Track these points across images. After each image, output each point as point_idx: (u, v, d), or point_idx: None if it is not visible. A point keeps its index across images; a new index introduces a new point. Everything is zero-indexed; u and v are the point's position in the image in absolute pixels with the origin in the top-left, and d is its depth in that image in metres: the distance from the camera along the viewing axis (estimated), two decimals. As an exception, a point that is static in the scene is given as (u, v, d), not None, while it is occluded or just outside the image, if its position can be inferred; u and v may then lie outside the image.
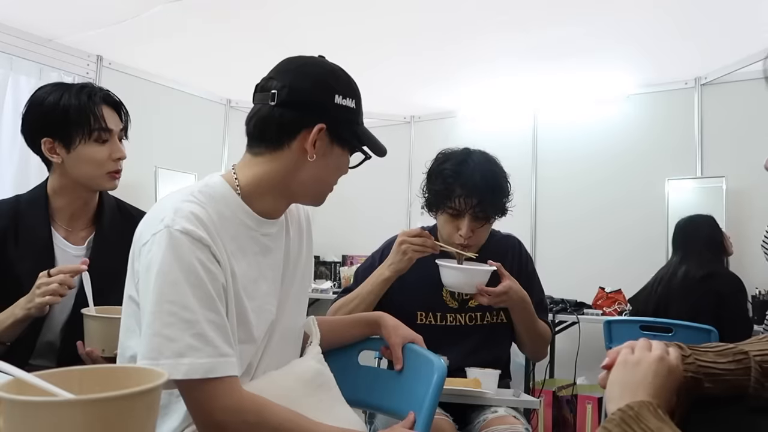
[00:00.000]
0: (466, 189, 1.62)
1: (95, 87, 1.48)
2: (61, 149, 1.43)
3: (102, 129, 1.44)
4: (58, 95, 1.43)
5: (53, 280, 1.29)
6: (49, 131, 1.43)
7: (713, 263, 2.79)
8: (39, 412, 0.55)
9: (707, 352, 0.84)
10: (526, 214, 4.19)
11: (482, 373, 1.63)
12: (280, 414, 1.00)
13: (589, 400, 3.28)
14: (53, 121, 1.42)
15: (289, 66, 1.11)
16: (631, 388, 0.75)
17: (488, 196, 1.64)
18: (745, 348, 0.84)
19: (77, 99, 1.42)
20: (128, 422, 0.57)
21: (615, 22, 3.01)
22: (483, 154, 1.74)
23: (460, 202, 1.63)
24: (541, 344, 1.79)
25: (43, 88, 1.47)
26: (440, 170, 1.71)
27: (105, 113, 1.46)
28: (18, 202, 1.49)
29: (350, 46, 3.32)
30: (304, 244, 1.25)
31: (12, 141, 3.22)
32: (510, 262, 1.77)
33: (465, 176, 1.64)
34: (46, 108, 1.42)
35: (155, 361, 0.90)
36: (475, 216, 1.64)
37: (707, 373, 0.81)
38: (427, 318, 1.74)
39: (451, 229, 1.68)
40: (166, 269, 0.93)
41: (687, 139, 3.72)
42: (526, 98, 4.18)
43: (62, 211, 1.50)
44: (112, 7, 2.97)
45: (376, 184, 4.67)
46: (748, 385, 0.81)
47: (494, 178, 1.68)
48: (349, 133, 1.12)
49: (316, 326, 1.26)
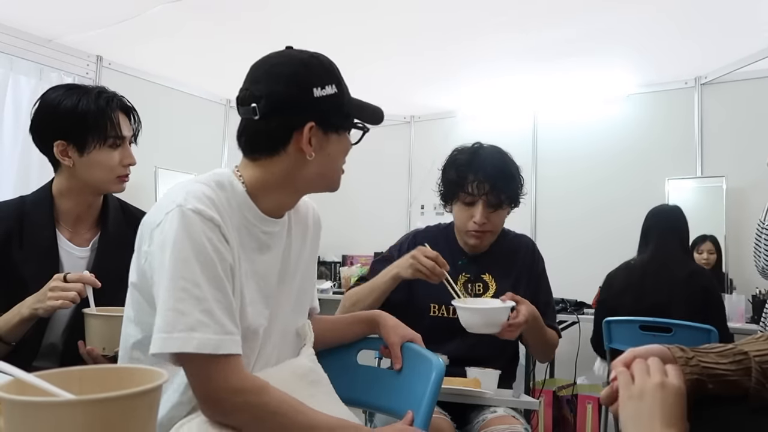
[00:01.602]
0: (479, 176, 1.69)
1: (111, 92, 1.49)
2: (74, 152, 1.43)
3: (117, 136, 1.45)
4: (75, 99, 1.42)
5: (72, 287, 1.29)
6: (63, 134, 1.42)
7: (691, 258, 2.80)
8: (39, 413, 0.55)
9: (709, 353, 0.84)
10: (526, 214, 4.19)
11: (482, 372, 1.63)
12: (280, 397, 1.01)
13: (590, 400, 3.28)
14: (69, 124, 1.41)
15: (259, 72, 1.09)
16: (646, 424, 0.75)
17: (500, 182, 1.69)
18: (745, 348, 0.84)
19: (96, 104, 1.42)
20: (129, 422, 0.57)
21: (615, 22, 3.01)
22: (494, 147, 1.80)
23: (473, 188, 1.69)
24: (549, 351, 1.81)
25: (56, 90, 1.46)
26: (453, 161, 1.78)
27: (121, 120, 1.47)
28: (23, 203, 1.49)
29: (350, 46, 3.32)
30: (307, 246, 1.25)
31: (13, 141, 3.22)
32: (521, 260, 1.81)
33: (477, 164, 1.71)
34: (63, 111, 1.41)
35: (169, 334, 0.93)
36: (489, 202, 1.69)
37: (710, 374, 0.81)
38: (440, 310, 1.75)
39: (465, 217, 1.73)
40: (179, 246, 0.95)
41: (687, 139, 3.72)
42: (526, 98, 4.18)
43: (67, 213, 1.50)
44: (112, 7, 2.97)
45: (376, 184, 4.67)
46: (750, 385, 0.81)
47: (506, 166, 1.74)
48: (340, 118, 1.12)
49: (310, 329, 1.27)
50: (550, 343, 1.78)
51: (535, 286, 1.79)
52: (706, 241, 3.51)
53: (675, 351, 0.84)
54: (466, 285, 1.79)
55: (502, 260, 1.80)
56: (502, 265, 1.80)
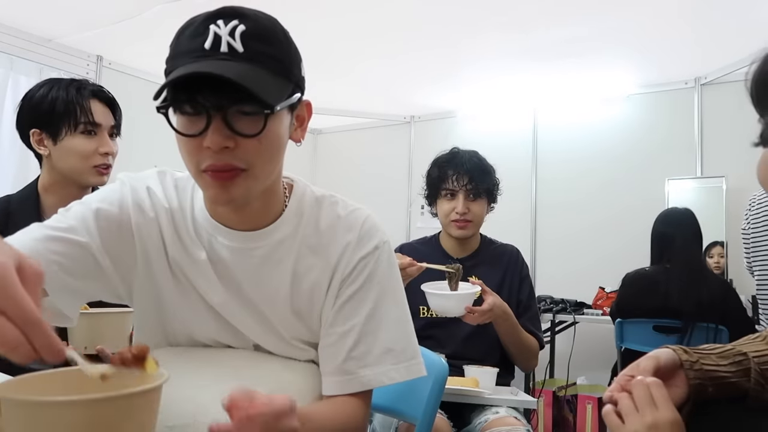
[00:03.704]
0: (459, 170, 1.90)
1: (86, 81, 1.51)
2: (49, 141, 1.46)
3: (89, 122, 1.46)
4: (47, 89, 1.47)
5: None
6: (37, 123, 1.46)
7: (704, 260, 2.81)
8: (38, 412, 0.54)
9: (710, 354, 0.84)
10: (526, 213, 4.19)
11: (480, 371, 1.64)
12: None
13: (589, 400, 3.28)
14: (41, 112, 1.45)
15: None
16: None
17: (478, 175, 1.90)
18: (744, 349, 0.84)
19: (65, 92, 1.46)
20: (128, 422, 0.57)
21: (615, 22, 3.01)
22: (471, 150, 2.00)
23: (454, 181, 1.90)
24: (528, 356, 1.86)
25: (37, 84, 1.51)
26: (435, 162, 2.00)
27: (94, 107, 1.48)
28: (9, 202, 1.50)
29: (350, 46, 3.32)
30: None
31: (12, 141, 3.22)
32: (506, 264, 1.93)
33: (456, 161, 1.93)
34: (36, 100, 1.46)
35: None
36: (468, 193, 1.89)
37: (711, 377, 0.81)
38: (428, 311, 1.83)
39: (448, 209, 1.91)
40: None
41: (687, 139, 3.72)
42: (526, 98, 4.18)
43: (53, 209, 1.49)
44: (112, 7, 2.97)
45: (376, 184, 4.67)
46: (749, 387, 0.81)
47: (482, 163, 1.95)
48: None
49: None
50: (528, 345, 1.83)
51: (517, 288, 1.90)
52: (716, 246, 3.53)
53: (680, 354, 0.83)
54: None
55: (488, 263, 1.93)
56: (488, 267, 1.92)
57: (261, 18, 0.84)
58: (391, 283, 0.97)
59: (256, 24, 0.82)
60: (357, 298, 0.94)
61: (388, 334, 0.94)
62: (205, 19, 0.82)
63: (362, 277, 0.94)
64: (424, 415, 1.18)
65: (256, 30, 0.81)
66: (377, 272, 0.95)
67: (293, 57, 0.87)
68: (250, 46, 0.80)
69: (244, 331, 0.96)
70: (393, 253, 1.00)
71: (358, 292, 0.94)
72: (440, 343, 1.79)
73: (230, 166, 0.82)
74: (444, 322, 1.82)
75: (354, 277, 0.94)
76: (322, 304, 0.96)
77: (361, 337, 0.93)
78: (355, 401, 0.93)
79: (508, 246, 2.00)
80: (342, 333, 0.94)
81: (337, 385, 0.93)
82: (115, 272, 0.92)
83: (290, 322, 0.96)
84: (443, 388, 1.19)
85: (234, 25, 0.80)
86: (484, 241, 1.99)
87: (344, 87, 4.14)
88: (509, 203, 2.22)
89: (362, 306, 0.94)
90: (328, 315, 0.96)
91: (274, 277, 0.94)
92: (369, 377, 0.92)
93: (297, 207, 0.96)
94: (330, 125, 5.02)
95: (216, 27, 0.80)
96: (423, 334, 1.78)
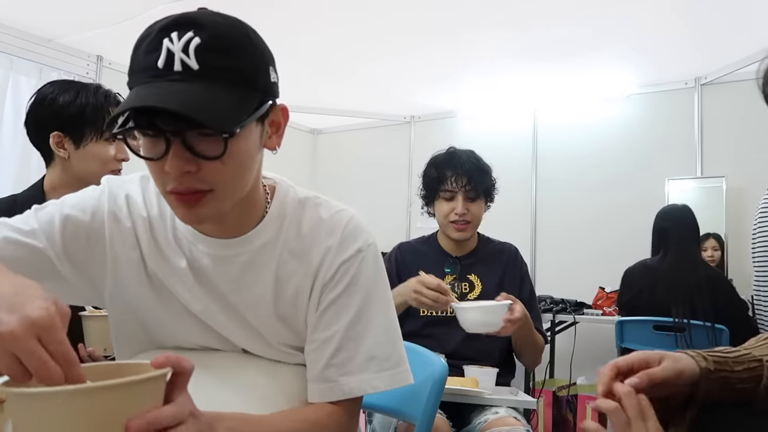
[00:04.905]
0: (457, 171, 1.87)
1: (109, 89, 1.53)
2: (70, 144, 1.46)
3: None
4: (74, 93, 1.47)
5: None
6: (60, 126, 1.46)
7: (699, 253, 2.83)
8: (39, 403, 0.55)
9: (726, 359, 0.83)
10: (526, 214, 4.19)
11: (480, 371, 1.63)
12: None
13: (589, 400, 3.28)
14: (68, 116, 1.45)
15: None
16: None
17: (476, 176, 1.88)
18: (757, 353, 0.84)
19: (95, 98, 1.47)
20: (129, 411, 0.57)
21: (615, 22, 3.01)
22: (468, 149, 1.97)
23: (452, 183, 1.87)
24: (537, 354, 1.88)
25: (53, 84, 1.50)
26: (432, 162, 1.97)
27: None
28: (15, 202, 1.49)
29: (350, 46, 3.32)
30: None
31: (13, 140, 3.21)
32: (505, 262, 1.92)
33: (454, 162, 1.90)
34: (61, 104, 1.45)
35: None
36: (467, 194, 1.86)
37: (724, 384, 0.81)
38: (429, 311, 1.82)
39: (447, 210, 1.88)
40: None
41: (687, 139, 3.72)
42: (526, 98, 4.18)
43: None
44: (112, 7, 2.97)
45: (376, 184, 4.67)
46: (756, 391, 0.81)
47: (480, 163, 1.93)
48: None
49: None
50: (539, 345, 1.85)
51: (518, 287, 1.89)
52: (709, 239, 3.50)
53: (700, 360, 0.81)
54: (452, 285, 1.87)
55: (486, 261, 1.92)
56: (487, 265, 1.91)
57: (219, 25, 0.78)
58: (376, 287, 0.94)
59: (213, 33, 0.76)
60: (339, 304, 0.91)
61: (372, 340, 0.91)
62: (160, 31, 0.76)
63: (344, 281, 0.91)
64: (423, 415, 1.18)
65: (213, 41, 0.75)
66: (361, 276, 0.92)
67: (258, 64, 0.81)
68: (206, 60, 0.75)
69: (229, 337, 0.95)
70: (380, 256, 0.96)
71: (340, 297, 0.91)
72: (440, 343, 1.78)
73: (193, 189, 0.79)
74: (444, 322, 1.81)
75: (336, 281, 0.91)
76: (306, 310, 0.94)
77: (343, 343, 0.90)
78: (332, 409, 0.89)
79: (506, 244, 1.99)
80: (324, 339, 0.91)
81: (318, 392, 0.90)
82: (78, 279, 0.91)
83: (275, 328, 0.94)
84: (443, 388, 1.19)
85: (188, 38, 0.74)
86: (482, 240, 1.99)
87: (344, 87, 4.14)
88: (509, 203, 2.23)
89: (345, 311, 0.91)
90: (311, 320, 0.93)
91: (256, 284, 0.92)
92: (351, 385, 0.89)
93: (279, 210, 0.94)
94: (330, 125, 5.02)
95: (169, 42, 0.75)
96: (422, 334, 1.80)
